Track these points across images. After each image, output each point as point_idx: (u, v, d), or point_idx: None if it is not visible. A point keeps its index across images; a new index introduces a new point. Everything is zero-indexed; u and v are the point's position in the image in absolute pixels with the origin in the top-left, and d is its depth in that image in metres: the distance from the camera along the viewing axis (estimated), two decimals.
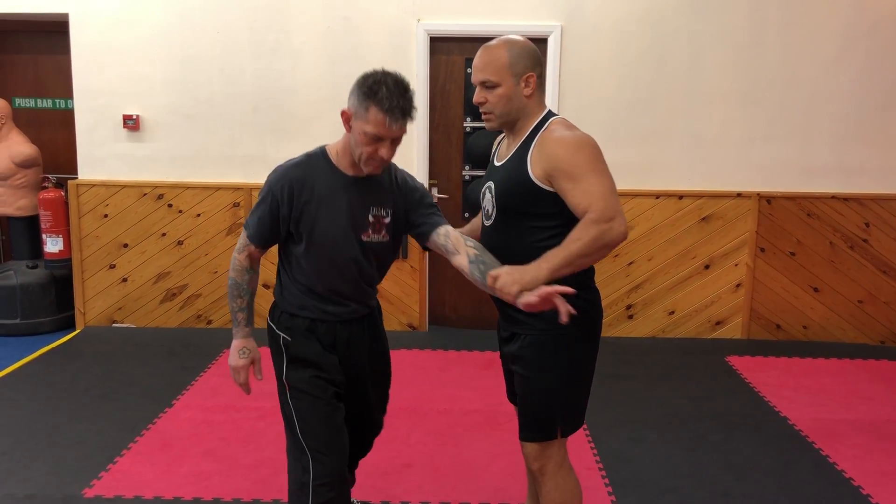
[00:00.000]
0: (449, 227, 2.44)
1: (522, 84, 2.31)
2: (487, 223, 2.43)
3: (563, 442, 2.44)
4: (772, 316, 5.46)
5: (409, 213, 2.47)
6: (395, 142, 2.30)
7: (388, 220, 2.43)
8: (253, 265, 2.46)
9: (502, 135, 2.52)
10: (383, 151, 2.26)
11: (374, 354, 2.62)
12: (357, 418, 2.63)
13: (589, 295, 2.36)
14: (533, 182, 2.26)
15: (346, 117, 2.29)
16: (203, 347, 5.09)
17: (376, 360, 2.63)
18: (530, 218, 2.30)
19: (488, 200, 2.41)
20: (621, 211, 2.19)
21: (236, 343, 2.48)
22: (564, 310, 2.03)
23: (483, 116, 2.39)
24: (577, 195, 2.20)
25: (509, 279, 2.13)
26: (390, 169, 2.48)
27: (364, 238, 2.39)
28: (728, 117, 5.27)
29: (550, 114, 2.37)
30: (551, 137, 2.26)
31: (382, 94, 2.20)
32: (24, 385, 4.46)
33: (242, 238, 2.43)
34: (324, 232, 2.34)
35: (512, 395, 2.62)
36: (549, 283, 2.10)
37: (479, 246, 2.35)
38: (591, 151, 2.23)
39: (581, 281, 2.28)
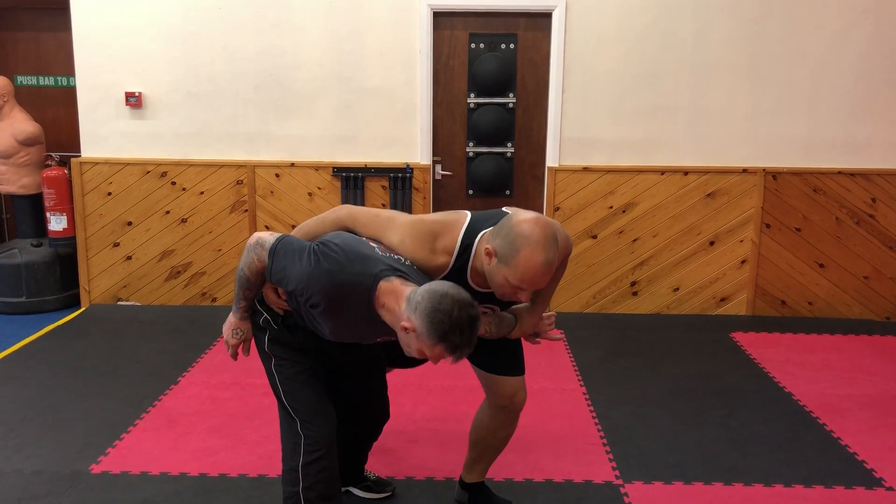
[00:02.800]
0: None
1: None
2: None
3: None
4: (777, 292, 5.45)
5: None
6: None
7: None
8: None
9: None
10: (434, 360, 2.19)
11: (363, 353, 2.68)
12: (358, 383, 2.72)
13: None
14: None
15: (412, 330, 2.11)
16: (208, 325, 5.10)
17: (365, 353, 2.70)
18: None
19: None
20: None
21: (233, 321, 2.50)
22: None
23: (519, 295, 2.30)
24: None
25: (524, 326, 2.62)
26: None
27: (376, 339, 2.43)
28: (734, 92, 5.23)
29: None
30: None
31: (453, 340, 2.08)
32: (31, 363, 4.47)
33: (269, 257, 2.30)
34: (343, 323, 2.31)
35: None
36: None
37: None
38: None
39: None
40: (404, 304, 2.12)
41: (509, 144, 5.41)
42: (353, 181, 5.35)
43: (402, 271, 2.23)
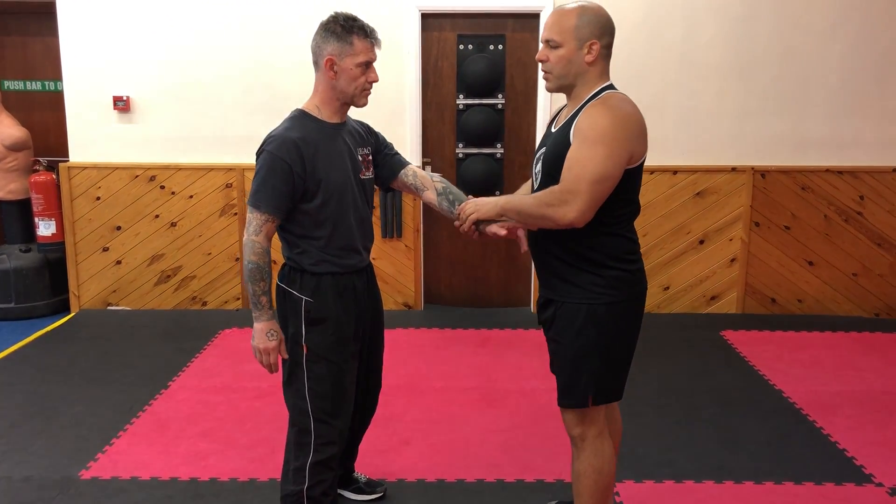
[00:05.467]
0: (414, 166, 2.74)
1: (585, 50, 2.30)
2: (536, 190, 2.44)
3: (604, 409, 2.48)
4: (766, 290, 5.47)
5: (376, 155, 2.67)
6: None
7: (370, 157, 2.64)
8: (270, 244, 2.44)
9: (564, 105, 2.49)
10: (373, 76, 2.45)
11: (377, 309, 2.72)
12: (364, 377, 2.74)
13: (626, 266, 2.37)
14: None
15: (331, 62, 2.40)
16: (198, 329, 5.09)
17: (377, 314, 2.73)
18: None
19: (539, 167, 2.43)
20: (586, 200, 2.20)
21: (263, 326, 2.44)
22: (522, 245, 2.46)
23: (543, 76, 2.39)
24: (572, 157, 2.24)
25: (471, 206, 2.46)
26: (348, 119, 2.62)
27: (361, 177, 2.56)
28: (722, 91, 5.25)
29: (611, 86, 2.36)
30: (599, 105, 2.27)
31: (357, 25, 2.40)
32: (20, 369, 4.46)
33: (256, 219, 2.39)
34: (335, 180, 2.44)
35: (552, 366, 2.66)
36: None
37: (444, 180, 2.67)
38: (617, 126, 2.23)
39: (614, 253, 2.34)
40: (315, 77, 2.47)
41: (499, 145, 5.42)
42: None
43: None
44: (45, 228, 5.46)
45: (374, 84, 2.48)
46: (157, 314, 5.46)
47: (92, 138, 5.39)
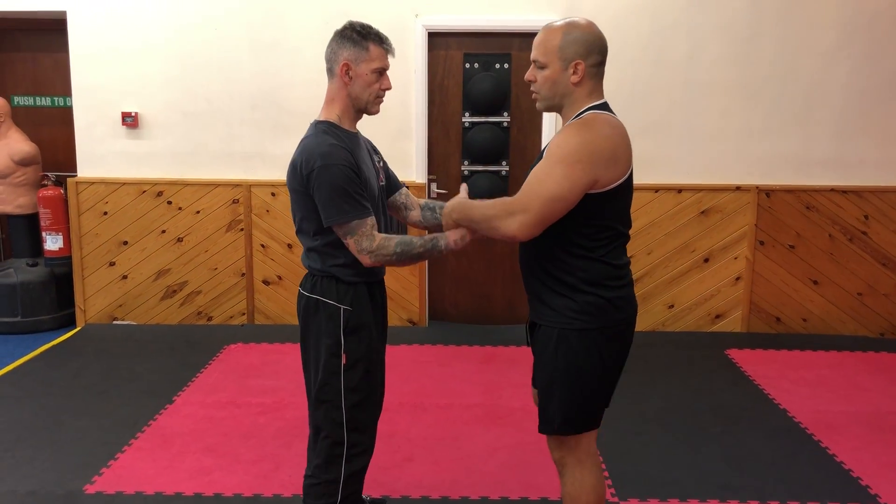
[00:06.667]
0: (406, 188, 2.79)
1: (570, 70, 2.26)
2: None
3: (586, 438, 2.41)
4: (771, 309, 5.46)
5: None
6: None
7: (382, 164, 2.67)
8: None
9: None
10: (387, 83, 2.48)
11: (385, 320, 2.71)
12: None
13: (602, 293, 2.27)
14: None
15: (347, 67, 2.42)
16: (203, 344, 5.10)
17: (385, 325, 2.72)
18: None
19: None
20: (535, 215, 2.16)
21: (453, 237, 2.42)
22: (453, 240, 2.41)
23: (532, 95, 2.41)
24: (533, 172, 2.24)
25: (447, 208, 2.45)
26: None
27: (380, 183, 2.59)
28: (727, 110, 5.27)
29: (600, 106, 2.30)
30: (572, 124, 2.25)
31: (373, 32, 2.45)
32: (26, 382, 4.47)
33: (361, 233, 2.35)
34: (372, 186, 2.47)
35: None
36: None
37: (429, 200, 2.76)
38: (582, 149, 2.16)
39: (589, 278, 2.26)
40: (328, 84, 2.48)
41: (504, 163, 5.44)
42: None
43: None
44: (52, 243, 5.49)
45: (387, 92, 2.50)
46: (163, 329, 5.48)
47: (100, 154, 5.43)
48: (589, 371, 2.31)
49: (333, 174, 2.32)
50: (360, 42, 2.41)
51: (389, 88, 2.49)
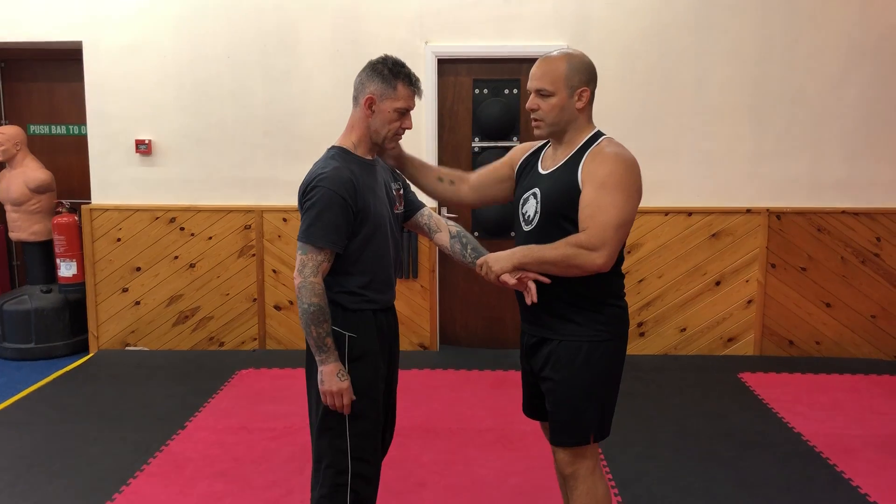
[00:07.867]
0: (429, 208, 2.77)
1: (576, 97, 2.39)
2: (527, 228, 2.47)
3: (595, 447, 2.49)
4: (784, 332, 5.44)
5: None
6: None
7: (402, 192, 2.67)
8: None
9: (546, 144, 2.56)
10: (408, 122, 2.51)
11: (396, 346, 2.69)
12: (383, 415, 2.70)
13: (619, 303, 2.48)
14: (580, 191, 2.34)
15: (371, 101, 2.44)
16: (215, 369, 5.11)
17: (396, 351, 2.70)
18: (571, 224, 2.36)
19: (531, 206, 2.46)
20: (613, 245, 2.28)
21: (332, 367, 2.39)
22: (529, 297, 2.34)
23: (533, 123, 2.46)
24: (592, 203, 2.29)
25: (491, 261, 2.39)
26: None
27: (395, 211, 2.60)
28: (736, 133, 5.28)
29: (601, 133, 2.46)
30: (605, 151, 2.35)
31: (404, 72, 2.47)
32: (39, 408, 4.49)
33: (313, 258, 2.36)
34: (379, 213, 2.48)
35: (529, 409, 2.69)
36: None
37: (458, 225, 2.71)
38: (628, 172, 2.33)
39: (611, 290, 2.44)
40: (351, 114, 2.50)
41: None
42: None
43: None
44: (66, 269, 5.54)
45: (406, 131, 2.52)
46: (175, 354, 5.50)
47: (114, 181, 5.49)
48: (616, 378, 2.50)
49: (321, 196, 2.36)
50: (389, 79, 2.44)
51: (410, 128, 2.51)
